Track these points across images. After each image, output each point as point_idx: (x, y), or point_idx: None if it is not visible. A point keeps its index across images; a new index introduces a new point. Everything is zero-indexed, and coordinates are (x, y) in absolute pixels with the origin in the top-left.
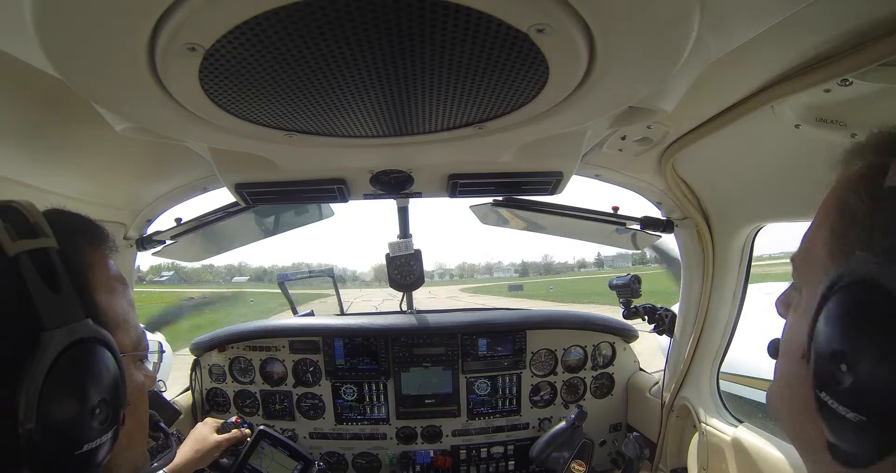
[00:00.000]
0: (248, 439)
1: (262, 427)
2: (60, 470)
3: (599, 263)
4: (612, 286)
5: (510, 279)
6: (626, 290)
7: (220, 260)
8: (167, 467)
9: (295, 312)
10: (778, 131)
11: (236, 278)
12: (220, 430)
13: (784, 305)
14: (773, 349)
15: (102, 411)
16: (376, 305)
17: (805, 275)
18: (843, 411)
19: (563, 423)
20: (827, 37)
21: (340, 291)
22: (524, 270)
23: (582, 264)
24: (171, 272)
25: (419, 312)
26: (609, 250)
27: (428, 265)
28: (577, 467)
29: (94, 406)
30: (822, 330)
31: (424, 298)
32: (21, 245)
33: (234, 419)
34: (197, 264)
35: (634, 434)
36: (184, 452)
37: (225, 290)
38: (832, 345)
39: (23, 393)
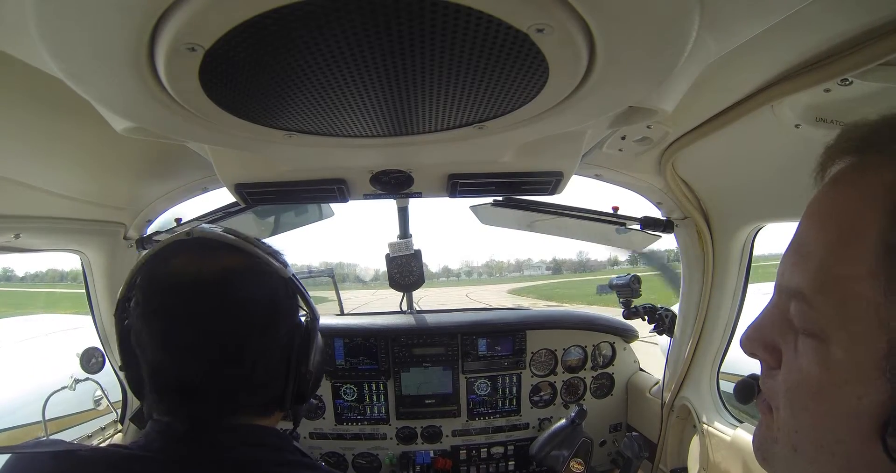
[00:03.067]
0: None
1: None
2: (305, 401)
3: (633, 260)
4: (611, 286)
5: (543, 278)
6: (626, 290)
7: None
8: None
9: None
10: (778, 131)
11: None
12: None
13: (769, 348)
14: (745, 392)
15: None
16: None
17: (835, 318)
18: None
19: (563, 421)
20: (827, 37)
21: (353, 292)
22: (556, 267)
23: (614, 262)
24: None
25: (419, 312)
26: None
27: (453, 264)
28: (575, 465)
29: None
30: None
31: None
32: (287, 272)
33: None
34: None
35: (633, 433)
36: None
37: None
38: None
39: (311, 356)
